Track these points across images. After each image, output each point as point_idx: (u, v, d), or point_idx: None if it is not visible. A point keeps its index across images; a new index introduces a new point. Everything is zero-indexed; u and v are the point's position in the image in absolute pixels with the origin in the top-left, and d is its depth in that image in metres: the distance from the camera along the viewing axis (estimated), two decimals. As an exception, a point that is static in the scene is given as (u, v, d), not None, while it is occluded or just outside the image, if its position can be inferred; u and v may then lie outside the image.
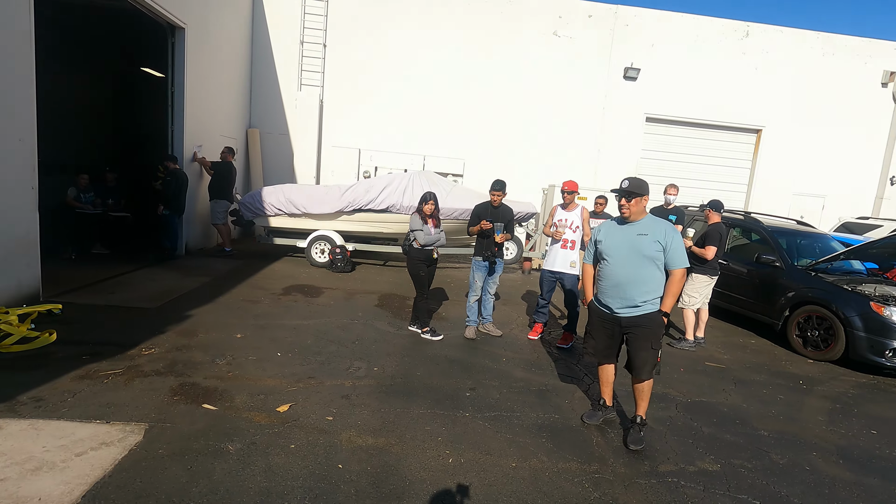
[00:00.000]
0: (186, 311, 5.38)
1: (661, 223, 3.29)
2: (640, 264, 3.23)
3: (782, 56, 12.23)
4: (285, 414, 3.40)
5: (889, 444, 3.89)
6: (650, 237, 3.21)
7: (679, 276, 3.24)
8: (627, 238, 3.27)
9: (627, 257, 3.25)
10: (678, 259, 3.23)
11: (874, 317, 5.55)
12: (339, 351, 4.68)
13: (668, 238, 3.21)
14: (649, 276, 3.23)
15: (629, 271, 3.25)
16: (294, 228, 8.81)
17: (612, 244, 3.33)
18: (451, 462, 3.01)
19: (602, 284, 3.41)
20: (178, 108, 8.14)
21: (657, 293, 3.27)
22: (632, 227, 3.29)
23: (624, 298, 3.28)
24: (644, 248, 3.20)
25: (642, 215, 3.31)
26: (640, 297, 3.24)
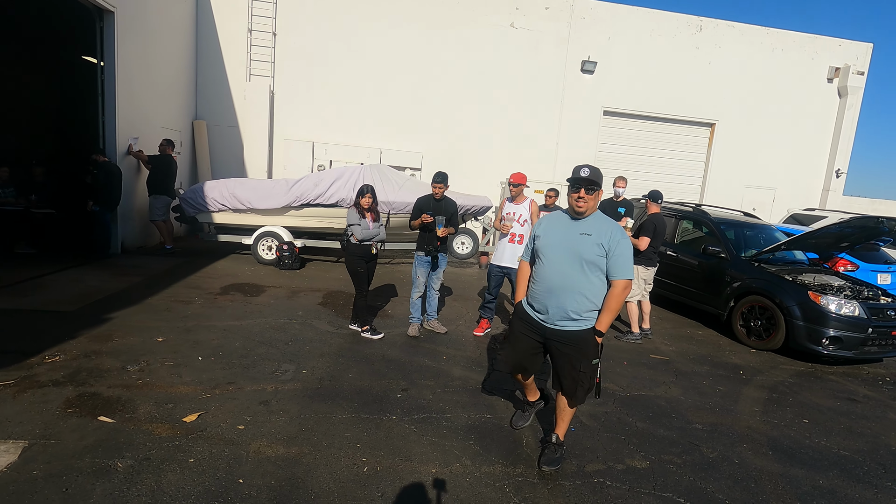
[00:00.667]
0: (107, 314, 5.01)
1: (608, 223, 2.74)
2: (577, 269, 2.70)
3: (734, 51, 12.45)
4: (192, 424, 3.14)
5: (818, 432, 3.91)
6: (593, 238, 2.68)
7: (621, 288, 2.69)
8: (569, 237, 2.74)
9: (565, 259, 2.73)
10: (622, 268, 2.68)
11: (812, 306, 5.64)
12: (268, 353, 4.43)
13: (613, 241, 2.66)
14: (587, 285, 2.70)
15: (565, 276, 2.72)
16: (240, 224, 8.43)
17: (550, 241, 2.80)
18: (365, 471, 2.82)
19: (534, 288, 2.87)
20: (109, 97, 7.63)
21: (595, 306, 2.74)
22: (576, 225, 2.75)
23: (556, 307, 2.75)
24: (584, 249, 2.68)
25: (592, 212, 2.79)
26: (574, 308, 2.72)
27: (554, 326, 2.79)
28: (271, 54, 10.96)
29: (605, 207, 6.95)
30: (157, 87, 9.06)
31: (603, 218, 2.79)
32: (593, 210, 2.79)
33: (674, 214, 7.70)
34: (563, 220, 2.83)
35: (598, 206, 7.77)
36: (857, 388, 5.08)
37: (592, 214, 2.79)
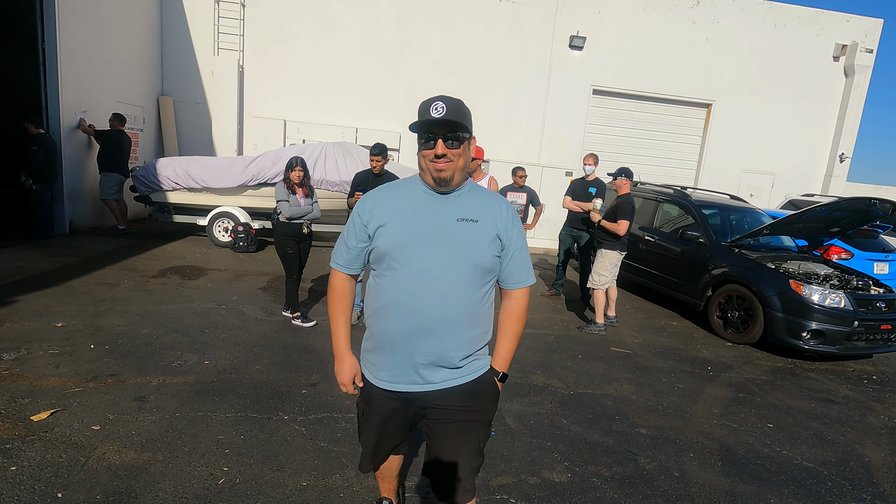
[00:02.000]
0: (13, 297, 4.60)
1: (494, 199, 1.66)
2: (467, 282, 1.55)
3: (733, 26, 11.71)
4: (39, 423, 2.71)
5: (782, 439, 3.43)
6: (483, 226, 1.57)
7: (525, 303, 1.69)
8: (441, 226, 1.55)
9: (444, 266, 1.53)
10: (526, 269, 1.67)
11: (792, 296, 5.12)
12: (175, 342, 4.00)
13: (511, 227, 1.62)
14: (478, 306, 1.59)
15: (447, 298, 1.53)
16: (195, 205, 7.99)
17: (411, 235, 1.55)
18: (220, 483, 2.39)
19: (383, 325, 1.59)
20: (52, 68, 7.15)
21: (486, 334, 1.67)
22: (445, 204, 1.58)
23: (429, 356, 1.55)
24: (476, 247, 1.55)
25: (460, 174, 1.59)
26: (463, 349, 1.58)
27: (427, 388, 1.59)
28: (240, 27, 10.40)
29: (576, 188, 6.44)
30: (112, 59, 8.56)
31: (481, 191, 1.68)
32: (463, 174, 1.59)
33: (654, 197, 7.16)
34: (417, 197, 1.60)
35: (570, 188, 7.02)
36: (837, 387, 4.58)
37: (465, 185, 1.63)
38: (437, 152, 1.52)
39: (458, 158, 1.56)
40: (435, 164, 1.54)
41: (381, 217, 1.59)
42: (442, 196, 1.59)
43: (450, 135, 1.54)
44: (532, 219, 6.82)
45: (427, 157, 1.55)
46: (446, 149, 1.53)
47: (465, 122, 1.56)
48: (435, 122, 1.51)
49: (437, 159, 1.53)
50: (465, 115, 1.57)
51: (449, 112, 1.51)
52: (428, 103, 1.54)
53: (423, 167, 1.59)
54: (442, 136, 1.53)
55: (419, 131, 1.56)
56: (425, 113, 1.53)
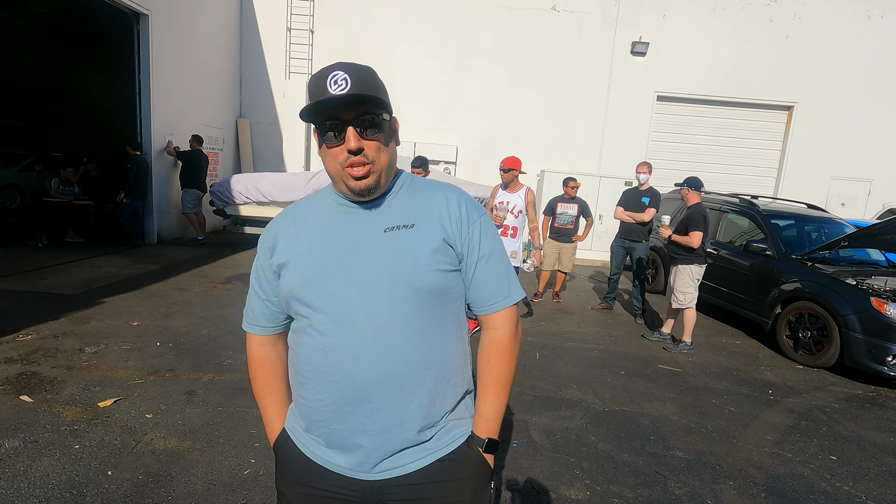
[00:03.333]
0: (100, 299, 5.22)
1: (438, 189, 1.16)
2: (405, 318, 1.06)
3: (817, 21, 10.77)
4: (103, 409, 3.07)
5: (846, 474, 3.08)
6: (419, 230, 1.09)
7: (507, 333, 1.17)
8: (360, 242, 1.09)
9: (370, 299, 1.05)
10: (499, 285, 1.15)
11: (874, 315, 4.58)
12: (229, 342, 4.34)
13: (468, 225, 1.12)
14: (436, 350, 1.10)
15: (380, 346, 1.05)
16: (264, 217, 8.61)
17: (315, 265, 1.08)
18: (246, 474, 2.56)
19: (305, 399, 1.13)
20: (145, 96, 8.10)
21: (455, 394, 1.16)
22: (370, 211, 1.12)
23: (372, 435, 1.07)
24: (405, 262, 1.06)
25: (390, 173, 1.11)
26: (421, 417, 1.09)
27: (385, 475, 1.10)
28: (308, 51, 11.15)
29: (629, 198, 6.21)
30: (196, 86, 9.51)
31: (419, 183, 1.20)
32: (392, 172, 1.13)
33: (718, 207, 6.72)
34: (327, 212, 1.14)
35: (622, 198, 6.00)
36: (928, 420, 4.02)
37: (396, 187, 1.15)
38: (351, 146, 1.01)
39: (381, 153, 1.05)
40: (350, 168, 1.03)
41: (285, 248, 1.13)
42: (362, 205, 1.11)
43: (364, 118, 1.02)
44: (583, 230, 6.66)
45: (336, 159, 1.04)
46: (362, 140, 1.02)
47: (382, 96, 1.05)
48: (339, 100, 0.99)
49: (353, 157, 1.02)
50: (380, 87, 1.06)
51: (356, 84, 0.99)
52: (322, 76, 1.01)
53: (332, 173, 1.08)
54: (353, 122, 1.01)
55: (314, 119, 1.04)
56: (320, 90, 1.00)
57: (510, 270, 1.18)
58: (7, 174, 10.58)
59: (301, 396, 1.14)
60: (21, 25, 11.36)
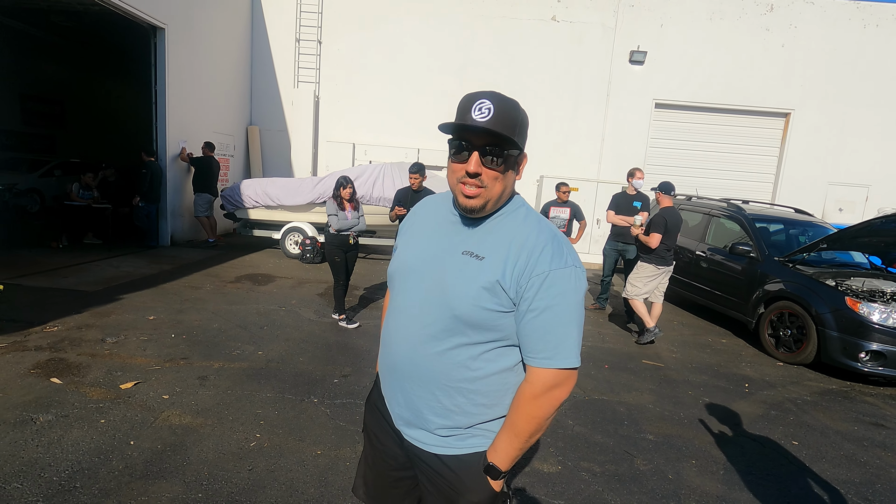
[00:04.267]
0: (120, 295, 5.58)
1: (522, 230, 1.21)
2: (440, 332, 1.22)
3: (813, 31, 10.99)
4: (125, 391, 3.40)
5: (803, 456, 3.32)
6: (485, 264, 1.19)
7: (537, 389, 1.18)
8: (443, 254, 1.26)
9: (423, 299, 1.25)
10: (543, 341, 1.16)
11: (848, 314, 4.81)
12: (238, 335, 4.66)
13: (530, 276, 1.15)
14: (463, 372, 1.23)
15: (416, 344, 1.26)
16: (271, 220, 8.98)
17: (407, 259, 1.34)
18: (252, 446, 2.87)
19: (381, 351, 1.41)
20: (161, 105, 8.52)
21: (489, 411, 1.27)
22: (465, 229, 1.27)
23: (403, 404, 1.32)
24: (460, 289, 1.19)
25: (496, 205, 1.23)
26: (440, 415, 1.27)
27: (408, 438, 1.32)
28: (316, 61, 11.56)
29: (620, 202, 6.48)
30: (209, 95, 9.93)
31: (527, 226, 1.23)
32: (501, 202, 1.23)
33: (707, 211, 6.97)
34: (440, 217, 1.33)
35: (612, 202, 6.24)
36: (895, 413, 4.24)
37: (501, 212, 1.25)
38: (470, 169, 1.15)
39: (496, 183, 1.17)
40: (463, 185, 1.17)
41: (404, 235, 1.40)
42: (464, 221, 1.26)
43: (491, 148, 1.14)
44: (576, 233, 6.92)
45: (456, 174, 1.18)
46: (483, 167, 1.15)
47: (516, 136, 1.16)
48: (475, 128, 1.13)
49: (469, 178, 1.16)
50: (518, 126, 1.17)
51: (496, 117, 1.12)
52: (471, 100, 1.15)
53: (450, 185, 1.23)
54: (479, 149, 1.15)
55: (452, 135, 1.19)
56: (465, 113, 1.15)
57: (566, 333, 1.15)
58: (28, 179, 11.05)
59: (380, 353, 1.41)
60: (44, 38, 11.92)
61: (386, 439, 1.38)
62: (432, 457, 1.28)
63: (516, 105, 1.18)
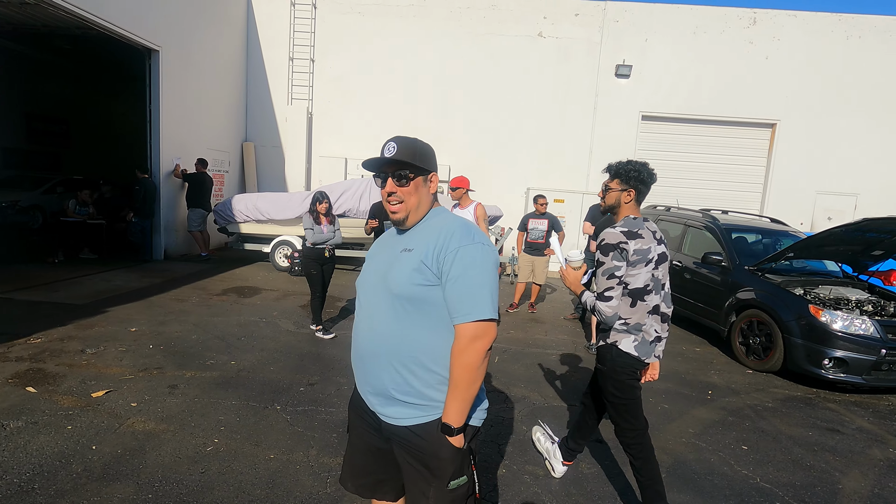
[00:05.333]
0: (106, 308, 5.77)
1: (445, 223, 1.58)
2: (388, 311, 1.55)
3: (796, 42, 11.15)
4: (96, 399, 3.55)
5: (749, 461, 3.40)
6: (413, 253, 1.55)
7: (467, 339, 1.46)
8: (388, 258, 1.64)
9: (373, 296, 1.62)
10: (467, 299, 1.46)
11: (811, 321, 4.89)
12: (214, 346, 4.82)
13: (445, 250, 1.49)
14: (413, 340, 1.53)
15: (372, 326, 1.60)
16: (262, 234, 9.19)
17: (364, 272, 1.73)
18: (208, 450, 3.01)
19: (352, 350, 1.74)
20: (155, 123, 8.80)
21: (433, 376, 1.54)
22: (402, 237, 1.65)
23: (369, 386, 1.63)
24: (395, 275, 1.54)
25: (418, 215, 1.62)
26: (396, 383, 1.55)
27: (381, 416, 1.61)
28: (309, 79, 11.88)
29: (595, 213, 6.61)
30: (204, 113, 10.23)
31: (444, 222, 1.59)
32: (420, 212, 1.62)
33: (683, 221, 7.08)
34: (390, 235, 1.74)
35: (588, 213, 5.64)
36: (855, 419, 4.30)
37: (427, 219, 1.63)
38: (387, 190, 1.60)
39: (410, 197, 1.59)
40: (388, 204, 1.61)
41: (368, 256, 1.79)
42: (401, 231, 1.67)
43: (398, 172, 1.58)
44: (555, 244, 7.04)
45: (383, 197, 1.64)
46: (396, 186, 1.58)
47: (416, 161, 1.57)
48: (383, 161, 1.58)
49: (390, 197, 1.59)
50: (417, 154, 1.58)
51: (399, 151, 1.56)
52: (385, 143, 1.60)
53: (385, 207, 1.67)
54: (391, 175, 1.59)
55: (372, 171, 1.64)
56: (380, 152, 1.60)
57: (480, 293, 1.46)
58: (31, 196, 11.39)
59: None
60: (48, 60, 12.36)
61: (365, 425, 1.68)
62: (403, 429, 1.55)
63: (415, 141, 1.61)
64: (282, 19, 11.74)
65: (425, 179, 1.61)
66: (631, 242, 2.44)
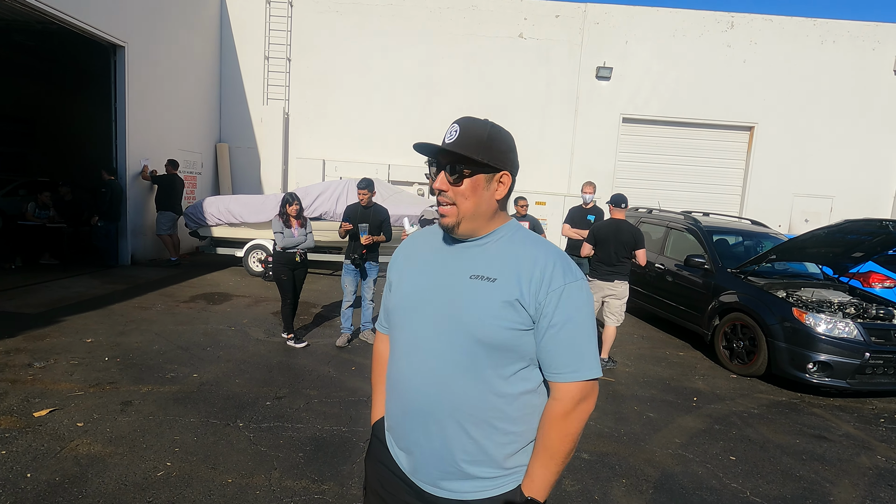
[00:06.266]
0: (62, 317, 5.41)
1: (532, 247, 1.21)
2: (463, 362, 1.17)
3: (773, 46, 11.27)
4: (38, 419, 3.25)
5: (738, 472, 3.26)
6: (499, 285, 1.17)
7: (566, 406, 1.15)
8: (448, 281, 1.23)
9: (430, 329, 1.21)
10: (568, 354, 1.15)
11: (795, 325, 4.81)
12: (177, 357, 4.52)
13: (548, 290, 1.14)
14: (494, 401, 1.18)
15: (438, 380, 1.20)
16: (235, 238, 8.85)
17: (405, 291, 1.30)
18: (159, 475, 2.74)
19: (388, 397, 1.35)
20: (121, 123, 8.41)
21: (519, 440, 1.21)
22: (465, 254, 1.24)
23: (426, 449, 1.23)
24: (475, 312, 1.16)
25: (493, 222, 1.25)
26: (472, 456, 1.19)
27: (431, 491, 1.23)
28: (285, 79, 11.57)
29: (575, 216, 6.49)
30: (174, 113, 9.85)
31: (520, 236, 1.25)
32: (479, 221, 1.22)
33: (665, 224, 7.00)
34: (436, 245, 1.31)
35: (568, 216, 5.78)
36: (841, 424, 4.21)
37: (500, 235, 1.25)
38: (435, 186, 1.21)
39: (465, 200, 1.18)
40: (440, 208, 1.23)
41: (398, 268, 1.35)
42: (459, 245, 1.24)
43: (453, 166, 1.18)
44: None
45: (440, 198, 1.23)
46: (448, 184, 1.19)
47: (479, 155, 1.16)
48: (433, 148, 1.20)
49: (439, 196, 1.22)
50: (483, 146, 1.18)
51: (460, 140, 1.17)
52: (450, 126, 1.23)
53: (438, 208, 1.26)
54: (445, 168, 1.20)
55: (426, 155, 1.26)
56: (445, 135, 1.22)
57: (587, 345, 1.16)
58: (-9, 199, 10.84)
59: (385, 400, 1.36)
60: (9, 56, 11.78)
61: (400, 496, 1.28)
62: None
63: (487, 126, 1.21)
64: (257, 17, 11.42)
65: (489, 179, 1.20)
66: None
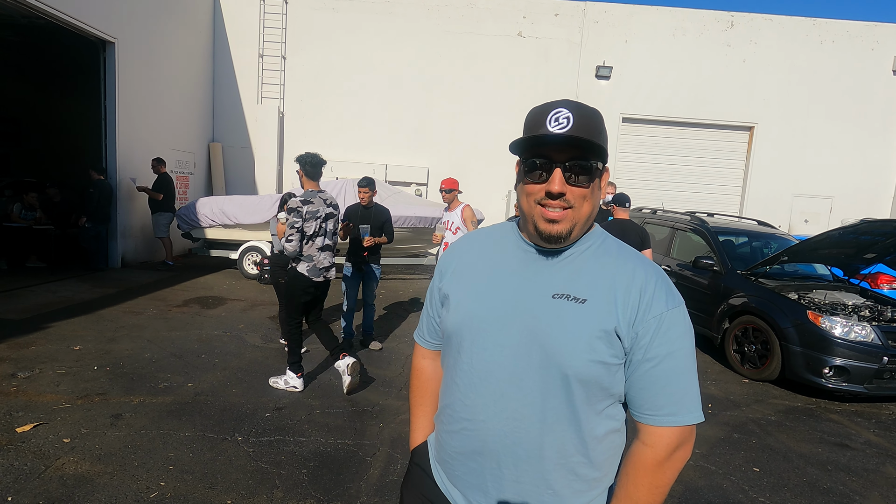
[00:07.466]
0: (48, 323, 5.17)
1: (628, 261, 1.02)
2: (551, 399, 0.98)
3: (773, 46, 11.22)
4: (21, 434, 3.03)
5: (764, 485, 3.11)
6: (590, 308, 0.97)
7: (667, 449, 0.96)
8: (526, 299, 1.01)
9: (516, 363, 1.00)
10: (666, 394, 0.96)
11: (810, 328, 4.68)
12: (170, 365, 4.31)
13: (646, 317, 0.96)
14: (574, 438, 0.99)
15: (516, 417, 1.00)
16: (229, 240, 8.62)
17: (472, 306, 1.07)
18: (152, 497, 2.54)
19: (446, 432, 1.11)
20: (111, 121, 8.16)
21: (594, 487, 1.04)
22: (548, 267, 1.03)
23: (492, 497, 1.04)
24: (563, 341, 0.96)
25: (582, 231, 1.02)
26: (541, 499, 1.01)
27: None
28: (280, 77, 11.35)
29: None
30: (166, 111, 9.60)
31: (611, 247, 1.06)
32: (585, 226, 1.03)
33: (671, 224, 6.87)
34: (507, 254, 1.09)
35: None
36: (861, 431, 4.09)
37: (586, 243, 1.05)
38: (554, 188, 0.95)
39: (584, 203, 0.98)
40: (544, 208, 0.98)
41: (454, 278, 1.12)
42: (543, 256, 1.03)
43: (576, 163, 0.96)
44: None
45: (532, 196, 0.99)
46: (568, 185, 0.96)
47: (602, 143, 0.97)
48: (556, 139, 0.94)
49: (550, 200, 0.97)
50: (602, 133, 0.99)
51: (577, 125, 0.94)
52: (544, 111, 0.98)
53: (524, 210, 1.02)
54: (562, 165, 0.96)
55: (524, 153, 1.01)
56: (538, 125, 0.97)
57: (689, 383, 0.97)
58: (-25, 200, 10.51)
59: (439, 430, 1.15)
60: (-5, 54, 11.49)
61: None
62: None
63: (596, 111, 1.00)
64: (251, 14, 11.19)
65: (601, 177, 1.02)
66: (305, 206, 3.80)
